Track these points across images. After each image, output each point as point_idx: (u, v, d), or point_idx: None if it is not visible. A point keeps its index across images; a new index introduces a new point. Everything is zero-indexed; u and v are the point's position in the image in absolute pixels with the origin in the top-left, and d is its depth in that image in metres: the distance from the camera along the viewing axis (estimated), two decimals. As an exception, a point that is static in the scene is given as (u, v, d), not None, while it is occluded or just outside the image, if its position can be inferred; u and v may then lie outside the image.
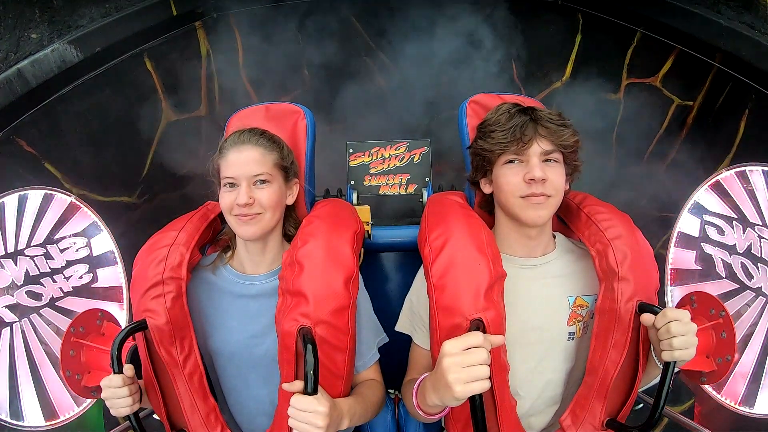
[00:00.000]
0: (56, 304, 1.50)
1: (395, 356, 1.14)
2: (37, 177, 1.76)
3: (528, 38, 2.14)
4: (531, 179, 0.98)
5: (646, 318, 0.92)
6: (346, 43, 2.19)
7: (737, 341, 1.06)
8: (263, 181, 1.04)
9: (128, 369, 0.96)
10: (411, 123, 2.23)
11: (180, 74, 2.07)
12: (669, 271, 1.56)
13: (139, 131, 2.01)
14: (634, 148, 2.12)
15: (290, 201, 1.13)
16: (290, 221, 1.16)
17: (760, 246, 1.42)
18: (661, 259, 1.54)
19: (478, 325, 0.89)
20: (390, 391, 1.24)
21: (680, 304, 1.15)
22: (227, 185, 1.05)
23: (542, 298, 1.07)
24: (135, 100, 1.98)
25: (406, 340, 1.14)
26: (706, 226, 1.52)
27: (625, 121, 2.14)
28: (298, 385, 0.88)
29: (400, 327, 1.14)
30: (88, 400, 1.47)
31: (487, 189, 1.10)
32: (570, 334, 1.06)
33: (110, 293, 1.55)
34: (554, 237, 1.14)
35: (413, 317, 1.12)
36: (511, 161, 1.02)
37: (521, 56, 2.17)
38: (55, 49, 1.68)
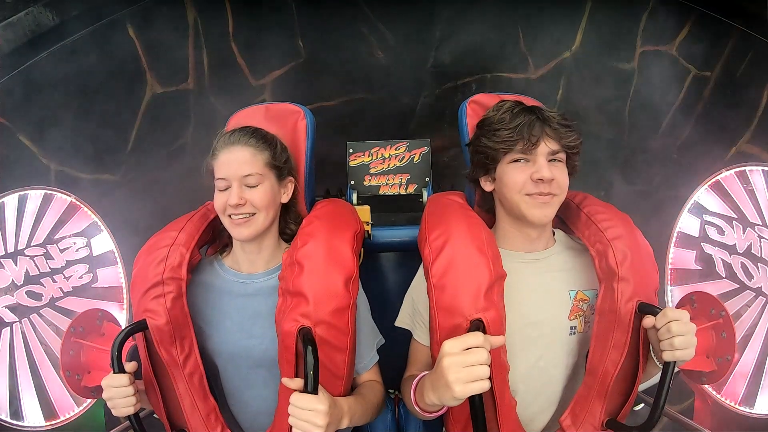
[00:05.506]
0: (56, 304, 1.50)
1: (395, 355, 1.14)
2: (10, 151, 1.68)
3: (535, 3, 2.03)
4: (539, 179, 0.98)
5: (647, 322, 0.92)
6: (341, 10, 2.05)
7: (737, 341, 1.06)
8: (254, 182, 1.04)
9: (130, 366, 0.96)
10: (408, 94, 2.11)
11: (165, 43, 1.95)
12: (669, 271, 1.57)
13: (122, 104, 1.92)
14: (648, 121, 2.05)
15: (285, 199, 1.12)
16: (287, 219, 1.16)
17: (760, 246, 1.42)
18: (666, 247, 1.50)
19: (478, 326, 0.89)
20: (390, 390, 1.24)
21: (680, 304, 1.15)
22: (220, 188, 1.05)
23: (543, 292, 1.07)
24: (117, 69, 1.88)
25: (405, 340, 1.14)
26: (706, 226, 1.52)
27: (638, 92, 2.04)
28: (298, 382, 0.88)
29: (400, 322, 1.14)
30: (88, 400, 1.47)
31: (488, 187, 1.10)
32: (572, 328, 1.06)
33: (110, 293, 1.55)
34: (553, 233, 1.14)
35: (414, 313, 1.12)
36: (517, 160, 1.02)
37: (528, 23, 2.06)
38: (29, 12, 1.60)
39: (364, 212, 1.39)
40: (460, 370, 0.80)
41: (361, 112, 2.07)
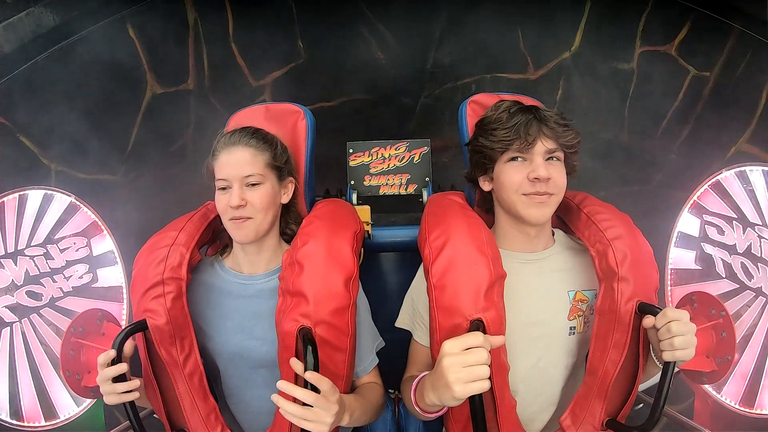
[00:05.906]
0: (56, 304, 1.50)
1: (395, 355, 1.14)
2: (12, 151, 1.70)
3: (534, 4, 2.03)
4: (536, 178, 0.98)
5: (647, 322, 0.92)
6: (340, 11, 2.06)
7: (737, 341, 1.06)
8: (255, 183, 1.04)
9: (129, 345, 0.96)
10: (408, 94, 2.11)
11: (165, 43, 1.96)
12: (669, 271, 1.57)
13: (122, 104, 1.93)
14: (647, 121, 2.06)
15: (285, 200, 1.12)
16: (288, 219, 1.16)
17: (760, 246, 1.42)
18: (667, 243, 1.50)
19: (478, 326, 0.89)
20: (390, 390, 1.24)
21: (680, 304, 1.15)
22: (220, 188, 1.05)
23: (542, 292, 1.07)
24: (117, 69, 1.89)
25: (405, 340, 1.14)
26: (706, 226, 1.52)
27: (638, 92, 2.06)
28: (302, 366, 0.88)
29: (400, 323, 1.14)
30: (88, 400, 1.48)
31: (486, 186, 1.10)
32: (571, 328, 1.06)
33: (110, 293, 1.55)
34: (553, 233, 1.15)
35: (414, 314, 1.12)
36: (514, 159, 1.02)
37: (528, 23, 2.06)
38: (30, 12, 1.61)
39: (364, 212, 1.39)
40: (460, 370, 0.80)
41: (361, 112, 2.07)
